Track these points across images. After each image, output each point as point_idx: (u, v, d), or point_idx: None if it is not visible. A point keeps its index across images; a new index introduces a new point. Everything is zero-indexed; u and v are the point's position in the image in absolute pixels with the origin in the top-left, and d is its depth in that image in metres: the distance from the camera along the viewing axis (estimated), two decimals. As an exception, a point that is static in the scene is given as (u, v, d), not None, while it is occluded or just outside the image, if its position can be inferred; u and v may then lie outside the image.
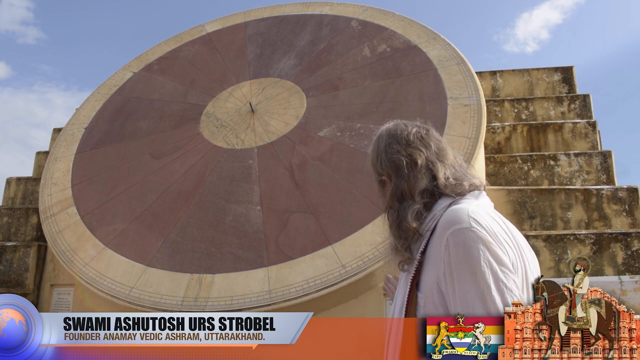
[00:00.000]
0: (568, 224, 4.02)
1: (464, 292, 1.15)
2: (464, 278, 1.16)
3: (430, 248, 1.27)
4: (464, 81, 4.34)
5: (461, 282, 1.16)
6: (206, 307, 3.37)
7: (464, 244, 1.18)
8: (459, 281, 1.16)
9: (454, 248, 1.19)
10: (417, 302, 1.26)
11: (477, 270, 1.15)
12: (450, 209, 1.27)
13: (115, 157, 4.82)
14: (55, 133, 6.17)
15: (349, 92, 4.67)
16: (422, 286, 1.27)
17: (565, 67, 5.62)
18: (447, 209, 1.28)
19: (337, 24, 5.47)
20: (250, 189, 4.10)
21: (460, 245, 1.18)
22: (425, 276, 1.27)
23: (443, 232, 1.22)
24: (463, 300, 1.15)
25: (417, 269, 1.29)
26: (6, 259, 4.46)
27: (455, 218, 1.23)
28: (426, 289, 1.25)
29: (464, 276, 1.16)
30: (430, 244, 1.28)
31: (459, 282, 1.16)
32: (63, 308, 4.19)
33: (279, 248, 3.61)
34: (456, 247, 1.18)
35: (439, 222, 1.27)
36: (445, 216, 1.26)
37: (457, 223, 1.21)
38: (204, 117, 4.95)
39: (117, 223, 4.17)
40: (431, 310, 1.22)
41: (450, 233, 1.20)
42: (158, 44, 6.15)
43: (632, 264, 3.49)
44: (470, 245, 1.17)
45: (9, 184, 5.69)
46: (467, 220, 1.20)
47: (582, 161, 4.50)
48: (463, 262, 1.17)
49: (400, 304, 1.32)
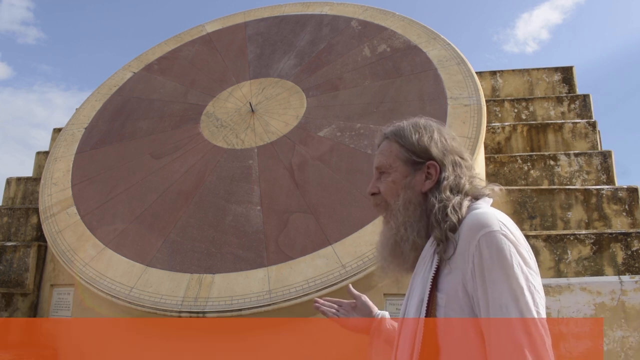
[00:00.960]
0: (568, 224, 4.02)
1: (497, 292, 1.17)
2: (497, 280, 1.18)
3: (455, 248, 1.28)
4: (464, 81, 4.34)
5: (495, 284, 1.18)
6: (206, 307, 3.37)
7: (497, 247, 1.20)
8: (492, 283, 1.18)
9: (487, 250, 1.20)
10: (437, 302, 1.25)
11: (511, 272, 1.17)
12: (475, 213, 1.29)
13: (115, 157, 4.82)
14: (55, 133, 6.17)
15: (349, 92, 4.67)
16: (444, 286, 1.26)
17: (565, 67, 5.62)
18: (469, 212, 1.31)
19: (337, 24, 5.47)
20: (250, 189, 4.10)
21: (493, 247, 1.20)
22: (447, 276, 1.26)
23: (472, 234, 1.23)
24: (496, 301, 1.16)
25: (437, 269, 1.29)
26: (6, 259, 4.46)
27: (485, 221, 1.25)
28: (449, 289, 1.24)
29: (497, 278, 1.18)
30: (451, 245, 1.28)
31: (492, 283, 1.18)
32: (63, 308, 4.19)
33: (279, 248, 3.61)
34: (489, 249, 1.20)
35: (464, 223, 1.28)
36: (472, 219, 1.28)
37: (488, 226, 1.23)
38: (204, 117, 4.95)
39: (117, 223, 4.17)
40: (454, 311, 1.22)
41: (482, 235, 1.22)
42: (158, 44, 6.15)
43: (632, 264, 3.49)
44: (503, 248, 1.20)
45: (9, 184, 5.69)
46: (498, 224, 1.23)
47: (582, 161, 4.50)
48: (496, 264, 1.19)
49: (417, 303, 1.30)
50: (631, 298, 2.54)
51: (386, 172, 1.44)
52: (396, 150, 1.44)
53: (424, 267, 1.33)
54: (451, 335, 1.22)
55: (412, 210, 1.38)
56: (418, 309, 1.28)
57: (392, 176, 1.43)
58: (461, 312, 1.22)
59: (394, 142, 1.45)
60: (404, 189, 1.40)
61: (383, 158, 1.45)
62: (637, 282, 2.56)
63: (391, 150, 1.45)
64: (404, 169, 1.42)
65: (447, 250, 1.28)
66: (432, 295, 1.26)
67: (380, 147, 1.50)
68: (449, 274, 1.26)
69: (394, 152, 1.44)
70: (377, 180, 1.46)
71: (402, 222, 1.38)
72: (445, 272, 1.27)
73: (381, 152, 1.48)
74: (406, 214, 1.38)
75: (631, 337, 2.51)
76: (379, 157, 1.47)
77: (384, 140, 1.50)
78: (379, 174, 1.46)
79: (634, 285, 2.56)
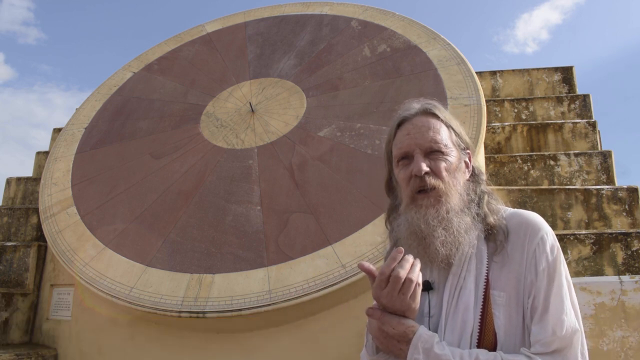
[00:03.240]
0: (568, 224, 4.02)
1: (560, 297, 1.19)
2: (558, 283, 1.20)
3: (505, 246, 1.25)
4: (464, 81, 4.34)
5: (559, 287, 1.20)
6: (206, 307, 3.37)
7: (557, 250, 1.23)
8: (557, 286, 1.19)
9: (550, 252, 1.21)
10: (494, 301, 1.19)
11: (565, 269, 1.23)
12: (518, 211, 1.30)
13: (115, 157, 4.82)
14: (55, 133, 6.17)
15: (349, 92, 4.67)
16: (499, 283, 1.21)
17: (565, 67, 5.62)
18: (507, 211, 1.32)
19: (337, 24, 5.47)
20: (250, 189, 4.10)
21: (554, 250, 1.22)
22: (500, 270, 1.22)
23: (531, 231, 1.23)
24: (559, 305, 1.17)
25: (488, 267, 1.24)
26: (6, 259, 4.46)
27: (541, 221, 1.26)
28: (508, 286, 1.20)
29: (559, 281, 1.20)
30: (501, 233, 1.25)
31: (557, 287, 1.19)
32: (63, 308, 4.19)
33: (279, 248, 3.61)
34: (552, 252, 1.22)
35: (510, 217, 1.28)
36: (522, 215, 1.28)
37: (546, 226, 1.26)
38: (204, 117, 4.95)
39: (117, 223, 4.17)
40: (514, 309, 1.20)
41: (543, 235, 1.23)
42: (158, 44, 6.15)
43: (632, 264, 3.49)
44: (559, 252, 1.24)
45: (9, 184, 5.69)
46: (547, 225, 1.27)
47: (582, 161, 4.50)
48: (557, 267, 1.21)
49: (471, 302, 1.20)
50: (631, 298, 2.54)
51: (442, 151, 1.28)
52: (446, 132, 1.33)
53: (469, 261, 1.24)
54: (513, 334, 1.19)
55: (470, 197, 1.31)
56: (473, 308, 1.19)
57: (450, 157, 1.29)
58: (518, 308, 1.20)
59: (443, 124, 1.33)
60: (460, 173, 1.31)
61: (437, 135, 1.29)
62: (637, 282, 2.56)
63: (444, 129, 1.32)
64: (458, 153, 1.32)
65: (499, 238, 1.24)
66: (487, 293, 1.21)
67: (423, 122, 1.33)
68: (502, 267, 1.22)
69: (446, 133, 1.32)
70: (426, 159, 1.28)
71: (462, 207, 1.27)
72: (499, 265, 1.23)
73: (432, 128, 1.31)
74: (466, 199, 1.29)
75: (631, 337, 2.51)
76: (433, 134, 1.29)
77: (424, 115, 1.35)
78: (426, 152, 1.28)
79: (634, 285, 2.56)
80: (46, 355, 3.89)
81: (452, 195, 1.25)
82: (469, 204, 1.28)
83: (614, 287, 2.57)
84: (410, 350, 1.12)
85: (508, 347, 1.16)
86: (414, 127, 1.32)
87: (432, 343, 1.13)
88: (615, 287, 2.57)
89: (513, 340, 1.17)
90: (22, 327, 4.22)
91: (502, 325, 1.17)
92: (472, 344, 1.16)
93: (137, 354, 3.71)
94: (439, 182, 1.25)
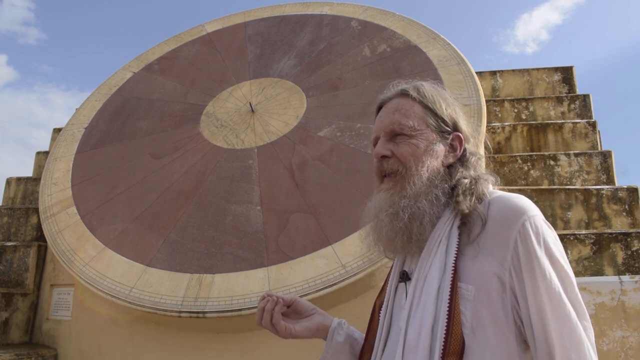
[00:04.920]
0: (568, 224, 4.02)
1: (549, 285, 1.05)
2: (547, 271, 1.06)
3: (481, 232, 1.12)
4: (464, 81, 4.34)
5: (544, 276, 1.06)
6: (206, 307, 3.37)
7: (545, 235, 1.08)
8: (541, 275, 1.06)
9: (535, 238, 1.07)
10: (461, 295, 1.08)
11: (564, 263, 1.08)
12: (505, 194, 1.16)
13: (115, 157, 4.82)
14: (55, 133, 6.17)
15: (349, 92, 4.67)
16: (468, 275, 1.10)
17: (565, 67, 5.62)
18: (493, 194, 1.18)
19: (337, 24, 5.47)
20: (250, 189, 4.10)
21: (540, 236, 1.07)
22: (474, 261, 1.10)
23: (512, 215, 1.09)
24: (552, 294, 1.04)
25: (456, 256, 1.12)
26: (6, 259, 4.46)
27: (524, 204, 1.11)
28: (479, 280, 1.08)
29: (547, 269, 1.06)
30: (478, 220, 1.13)
31: (542, 276, 1.06)
32: (63, 308, 4.19)
33: (279, 248, 3.61)
34: (537, 237, 1.07)
35: (494, 202, 1.14)
36: (505, 199, 1.14)
37: (530, 210, 1.10)
38: (204, 117, 4.95)
39: (117, 223, 4.17)
40: (484, 305, 1.08)
41: (525, 220, 1.08)
42: (158, 44, 6.15)
43: (632, 264, 3.49)
44: (549, 235, 1.09)
45: (9, 184, 5.69)
46: (536, 209, 1.11)
47: (582, 161, 4.50)
48: (546, 253, 1.07)
49: (433, 295, 1.11)
50: (631, 298, 2.55)
51: (406, 134, 1.23)
52: (420, 111, 1.25)
53: (436, 249, 1.14)
54: (482, 333, 1.07)
55: (439, 183, 1.19)
56: (436, 300, 1.10)
57: (415, 139, 1.22)
58: (491, 306, 1.08)
59: (417, 103, 1.26)
60: (430, 157, 1.21)
61: (402, 117, 1.24)
62: (637, 282, 2.56)
63: (414, 110, 1.25)
64: (430, 136, 1.23)
65: (474, 227, 1.12)
66: (454, 285, 1.09)
67: (394, 104, 1.28)
68: (474, 258, 1.10)
69: (417, 112, 1.24)
70: (389, 143, 1.24)
71: (425, 192, 1.18)
72: (471, 255, 1.11)
73: (398, 110, 1.26)
74: (431, 185, 1.18)
75: (631, 337, 2.51)
76: (396, 116, 1.25)
77: (398, 97, 1.29)
78: (390, 135, 1.25)
79: (634, 285, 2.56)
80: (46, 355, 3.89)
81: (413, 181, 1.18)
82: (437, 189, 1.18)
83: (614, 287, 2.57)
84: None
85: (477, 347, 1.06)
86: (384, 111, 1.29)
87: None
88: (615, 287, 2.57)
89: (484, 342, 1.06)
90: (22, 327, 4.22)
91: (468, 321, 1.07)
92: (434, 338, 1.07)
93: (137, 354, 3.71)
94: (399, 165, 1.22)
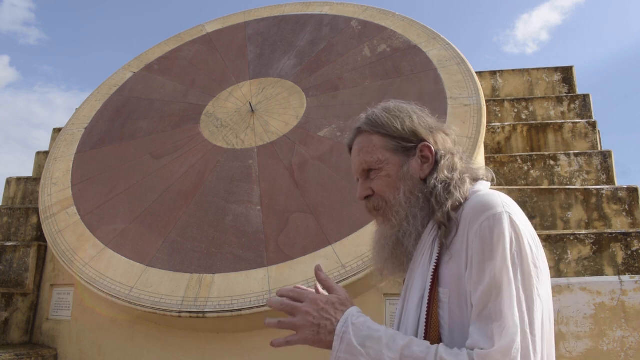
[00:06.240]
0: (568, 224, 4.02)
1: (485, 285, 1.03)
2: (491, 263, 1.04)
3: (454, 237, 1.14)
4: (464, 81, 4.34)
5: (487, 269, 1.04)
6: (206, 307, 3.37)
7: (498, 232, 1.05)
8: (483, 268, 1.04)
9: (488, 234, 1.06)
10: (440, 299, 1.11)
11: (519, 262, 1.04)
12: (479, 194, 1.16)
13: (115, 157, 4.82)
14: (55, 133, 6.17)
15: (349, 92, 4.67)
16: (444, 280, 1.12)
17: (565, 67, 5.62)
18: (472, 195, 1.18)
19: (337, 24, 5.47)
20: (250, 189, 4.10)
21: (494, 233, 1.05)
22: (447, 268, 1.12)
23: (475, 216, 1.09)
24: (486, 292, 1.02)
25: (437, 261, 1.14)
26: (6, 259, 4.46)
27: (488, 203, 1.10)
28: (451, 283, 1.10)
29: (491, 261, 1.04)
30: (453, 227, 1.14)
31: (482, 269, 1.04)
32: (63, 308, 4.19)
33: (279, 248, 3.61)
34: (490, 233, 1.05)
35: (467, 205, 1.15)
36: (475, 200, 1.14)
37: (492, 208, 1.09)
38: (204, 117, 4.95)
39: (117, 223, 4.17)
40: (457, 306, 1.08)
41: (485, 219, 1.07)
42: (158, 44, 6.15)
43: (632, 264, 3.49)
44: (504, 234, 1.05)
45: (9, 184, 5.69)
46: (502, 206, 1.09)
47: (582, 161, 4.50)
48: (492, 251, 1.04)
49: (416, 300, 1.15)
50: (631, 298, 2.54)
51: (376, 168, 1.28)
52: (379, 141, 1.28)
53: (422, 258, 1.19)
54: (459, 334, 1.08)
55: (415, 201, 1.22)
56: (418, 307, 1.14)
57: (385, 170, 1.26)
58: (462, 306, 1.08)
59: (374, 135, 1.29)
60: (403, 181, 1.24)
61: (367, 155, 1.29)
62: (637, 282, 2.56)
63: (373, 143, 1.29)
64: (397, 159, 1.26)
65: (449, 233, 1.14)
66: (434, 290, 1.12)
67: (357, 144, 1.33)
68: (449, 262, 1.12)
69: (377, 144, 1.28)
70: (367, 181, 1.31)
71: (405, 216, 1.22)
72: (446, 260, 1.13)
73: (361, 149, 1.31)
74: (409, 206, 1.22)
75: (631, 337, 2.51)
76: (361, 156, 1.30)
77: (358, 136, 1.34)
78: (365, 173, 1.31)
79: (634, 285, 2.56)
80: (46, 355, 3.89)
81: (396, 210, 1.24)
82: (416, 208, 1.22)
83: (614, 287, 2.57)
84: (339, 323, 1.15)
85: (452, 346, 1.06)
86: (353, 153, 1.36)
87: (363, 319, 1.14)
88: (615, 287, 2.57)
89: (460, 343, 1.06)
90: (22, 327, 4.22)
91: (445, 324, 1.09)
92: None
93: (137, 354, 3.71)
94: (380, 200, 1.28)
